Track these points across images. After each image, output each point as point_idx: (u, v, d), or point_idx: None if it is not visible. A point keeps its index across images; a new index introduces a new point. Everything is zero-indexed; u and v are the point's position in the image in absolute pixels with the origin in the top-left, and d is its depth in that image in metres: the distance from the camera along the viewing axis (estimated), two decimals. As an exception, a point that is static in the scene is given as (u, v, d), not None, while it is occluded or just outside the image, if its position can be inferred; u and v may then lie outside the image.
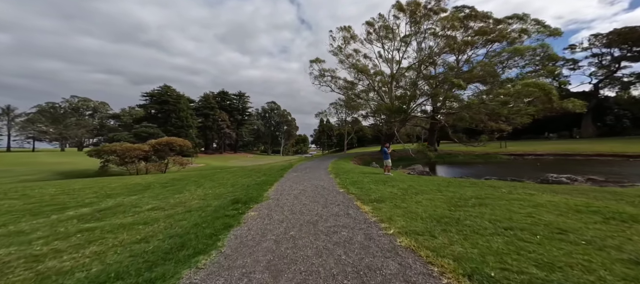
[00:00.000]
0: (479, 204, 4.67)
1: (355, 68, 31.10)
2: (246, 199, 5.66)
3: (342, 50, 31.60)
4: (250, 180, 9.81)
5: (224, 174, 12.20)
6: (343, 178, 9.22)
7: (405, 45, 29.08)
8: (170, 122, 58.41)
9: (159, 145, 27.13)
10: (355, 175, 10.36)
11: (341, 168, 13.71)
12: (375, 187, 7.22)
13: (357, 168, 14.79)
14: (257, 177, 10.52)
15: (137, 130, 40.93)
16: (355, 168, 14.04)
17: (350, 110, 43.72)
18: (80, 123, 63.07)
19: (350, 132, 66.95)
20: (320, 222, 4.08)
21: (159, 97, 62.69)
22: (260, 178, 9.96)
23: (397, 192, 6.31)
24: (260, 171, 13.11)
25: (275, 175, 10.78)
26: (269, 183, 8.60)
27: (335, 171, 12.06)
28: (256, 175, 11.18)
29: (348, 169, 13.11)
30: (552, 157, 28.39)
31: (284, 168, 14.31)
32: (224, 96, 78.86)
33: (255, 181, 9.19)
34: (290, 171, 12.42)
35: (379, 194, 6.06)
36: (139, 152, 25.03)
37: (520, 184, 7.55)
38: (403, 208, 4.61)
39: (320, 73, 31.65)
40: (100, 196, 7.12)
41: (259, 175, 11.11)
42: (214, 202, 5.75)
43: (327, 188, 7.47)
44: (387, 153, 10.63)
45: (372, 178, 9.28)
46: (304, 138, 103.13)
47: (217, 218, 4.27)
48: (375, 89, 32.34)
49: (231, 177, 11.03)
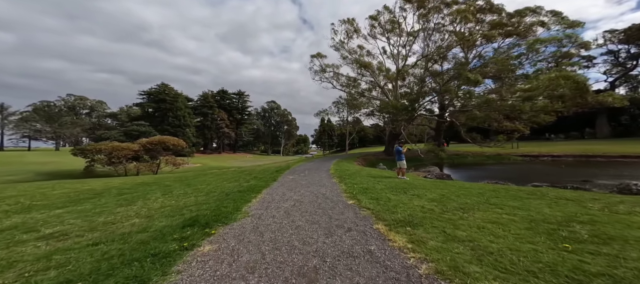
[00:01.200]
0: (597, 236, 2.78)
1: (358, 64, 29.24)
2: (210, 218, 3.81)
3: (344, 45, 29.76)
4: (236, 184, 7.97)
5: (208, 177, 10.39)
6: (350, 184, 7.36)
7: (413, 38, 27.18)
8: (167, 120, 56.78)
9: (150, 144, 25.39)
10: (364, 178, 8.50)
11: (345, 170, 11.84)
12: (395, 197, 5.36)
13: (363, 170, 12.91)
14: (245, 181, 8.68)
15: (128, 129, 39.25)
16: (361, 170, 12.17)
17: (352, 109, 41.91)
18: (76, 122, 61.62)
19: (351, 132, 65.09)
20: (323, 274, 2.22)
21: (156, 95, 61.14)
22: (249, 183, 8.12)
23: (430, 206, 4.45)
24: (252, 173, 11.27)
25: (268, 179, 8.94)
26: (256, 189, 6.76)
27: (338, 173, 10.20)
28: (245, 179, 9.33)
29: (353, 171, 11.25)
30: (572, 158, 26.37)
31: (280, 169, 12.46)
32: (223, 95, 77.25)
33: (241, 187, 7.37)
34: (287, 174, 10.58)
35: (406, 210, 4.21)
36: (127, 152, 23.28)
37: (605, 195, 5.55)
38: (465, 242, 2.74)
39: (321, 69, 29.82)
40: (16, 210, 5.28)
41: (248, 179, 9.26)
42: (160, 222, 3.91)
43: (331, 198, 5.61)
44: (402, 154, 8.75)
45: (386, 183, 7.41)
46: (304, 139, 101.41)
47: (128, 263, 2.40)
48: (380, 86, 30.46)
49: (214, 180, 9.20)
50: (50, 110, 57.65)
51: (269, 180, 8.55)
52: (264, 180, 8.53)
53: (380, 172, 11.55)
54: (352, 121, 58.31)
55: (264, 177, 9.46)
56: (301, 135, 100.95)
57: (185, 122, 59.66)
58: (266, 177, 9.45)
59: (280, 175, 10.31)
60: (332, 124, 74.33)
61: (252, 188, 6.86)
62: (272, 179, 8.85)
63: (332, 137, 79.30)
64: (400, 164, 8.64)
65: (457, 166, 24.66)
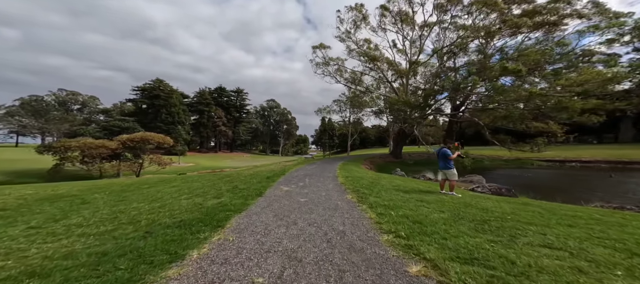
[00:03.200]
0: None
1: (366, 56, 26.45)
2: None
3: (351, 35, 26.94)
4: (196, 202, 5.15)
5: (167, 187, 7.50)
6: (378, 206, 4.55)
7: (429, 29, 24.38)
8: (160, 117, 53.98)
9: (131, 142, 22.53)
10: (392, 194, 5.69)
11: (357, 177, 9.00)
12: (500, 250, 2.54)
13: (379, 177, 10.08)
14: (214, 195, 5.85)
15: (108, 124, 36.27)
16: (379, 178, 9.34)
17: (354, 108, 39.10)
18: (65, 117, 58.78)
19: (353, 132, 62.25)
20: None
21: (150, 91, 58.40)
22: (218, 199, 5.29)
23: None
24: (234, 180, 8.43)
25: (251, 191, 6.12)
26: (220, 217, 3.93)
27: (351, 183, 7.39)
28: (217, 190, 6.49)
29: (369, 180, 8.43)
30: (605, 164, 23.53)
31: (274, 174, 9.63)
32: (221, 92, 74.48)
33: (205, 206, 4.56)
34: (280, 182, 7.76)
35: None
36: (102, 150, 20.44)
37: None
38: None
39: (324, 61, 27.00)
40: None
41: (223, 190, 6.43)
42: None
43: (359, 245, 2.81)
44: (450, 160, 5.88)
45: (438, 205, 4.59)
46: (304, 139, 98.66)
47: None
48: (389, 81, 27.66)
49: (170, 192, 6.36)
50: (37, 104, 54.80)
51: (251, 195, 5.71)
52: (244, 195, 5.69)
53: (407, 182, 8.70)
54: (353, 121, 55.55)
55: (247, 188, 6.63)
56: (301, 135, 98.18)
57: (180, 119, 56.86)
58: (250, 188, 6.62)
59: (271, 183, 7.47)
60: (332, 124, 71.42)
61: (213, 216, 4.01)
62: (257, 192, 6.01)
63: (333, 137, 76.39)
64: (448, 175, 5.79)
65: (474, 172, 21.79)
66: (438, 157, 5.94)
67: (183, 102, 64.50)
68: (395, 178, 9.43)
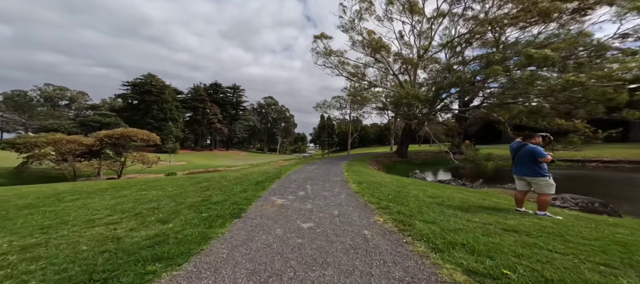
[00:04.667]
0: None
1: (371, 47, 24.38)
2: None
3: (355, 25, 24.82)
4: (133, 224, 3.05)
5: (109, 196, 5.31)
6: (443, 241, 2.50)
7: (441, 18, 22.37)
8: (151, 113, 51.48)
9: (110, 138, 20.21)
10: (446, 214, 3.63)
11: (375, 183, 6.95)
12: None
13: (403, 182, 8.03)
14: (172, 209, 3.74)
15: (85, 118, 33.73)
16: (403, 184, 7.28)
17: (355, 105, 37.17)
18: (51, 113, 55.95)
19: (353, 131, 60.31)
20: None
21: (141, 86, 55.80)
22: (167, 223, 3.18)
23: None
24: (212, 187, 6.32)
25: (229, 207, 4.04)
26: (136, 278, 1.82)
27: (370, 193, 5.34)
28: (175, 205, 4.37)
29: (392, 187, 6.37)
30: (629, 165, 21.79)
31: (266, 178, 7.54)
32: (216, 88, 71.92)
33: (122, 246, 2.49)
34: (273, 190, 5.69)
35: None
36: (75, 146, 18.13)
37: None
38: None
39: (326, 51, 24.86)
40: None
41: (184, 206, 4.31)
42: None
43: None
44: (541, 163, 3.73)
45: (549, 237, 2.56)
46: (302, 137, 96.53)
47: None
48: (395, 73, 25.64)
49: (114, 203, 4.24)
50: (20, 99, 51.93)
51: (224, 215, 3.62)
52: (211, 215, 3.58)
53: (442, 189, 6.63)
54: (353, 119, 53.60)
55: (224, 200, 4.52)
56: (299, 134, 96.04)
57: (172, 116, 54.37)
58: (228, 200, 4.52)
59: (260, 192, 5.38)
60: (332, 121, 69.34)
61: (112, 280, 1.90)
62: (235, 210, 3.91)
63: (332, 136, 74.29)
64: (538, 185, 3.69)
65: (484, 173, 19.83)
66: (517, 158, 3.89)
67: (176, 98, 61.96)
68: (423, 185, 7.35)
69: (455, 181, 11.26)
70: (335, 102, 40.15)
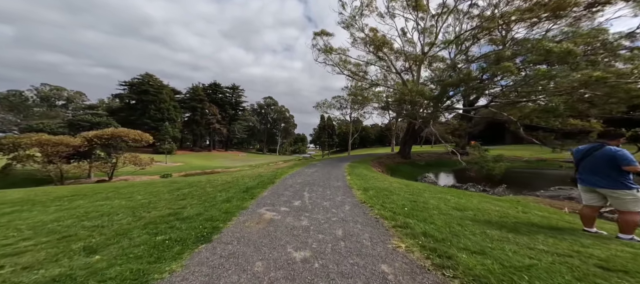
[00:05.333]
0: None
1: (373, 44, 23.45)
2: None
3: (355, 21, 23.89)
4: (53, 254, 2.10)
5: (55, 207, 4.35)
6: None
7: (448, 13, 21.45)
8: (148, 114, 50.55)
9: (99, 139, 19.27)
10: (495, 238, 2.66)
11: (384, 191, 5.98)
12: None
13: (417, 189, 7.06)
14: (123, 228, 2.76)
15: (73, 118, 32.74)
16: (418, 191, 6.30)
17: (356, 105, 36.27)
18: (47, 113, 55.07)
19: (353, 132, 59.34)
20: None
21: (138, 86, 54.89)
22: (94, 254, 2.19)
23: None
24: (191, 194, 5.34)
25: (199, 225, 3.08)
26: None
27: (380, 204, 4.38)
28: (132, 220, 3.39)
29: (405, 195, 5.40)
30: (645, 167, 20.80)
31: (259, 183, 6.58)
32: (215, 88, 71.02)
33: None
34: (264, 198, 4.72)
35: None
36: (62, 148, 17.18)
37: None
38: None
39: (326, 48, 23.93)
40: None
41: (141, 224, 3.32)
42: None
43: None
44: (628, 174, 2.70)
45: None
46: (302, 138, 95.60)
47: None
48: (398, 71, 24.70)
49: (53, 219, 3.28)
50: (15, 99, 51.07)
51: (189, 238, 2.65)
52: (172, 239, 2.61)
53: (467, 197, 5.62)
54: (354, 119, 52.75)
55: (197, 215, 3.55)
56: (299, 134, 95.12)
57: (170, 116, 53.43)
58: (203, 215, 3.55)
59: (247, 202, 4.41)
60: (332, 121, 68.40)
61: None
62: (209, 228, 2.94)
63: (332, 136, 73.29)
64: (622, 200, 2.70)
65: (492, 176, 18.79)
66: (586, 164, 2.93)
67: (174, 98, 61.05)
68: (440, 191, 6.30)
69: (474, 187, 10.17)
70: (335, 102, 39.30)
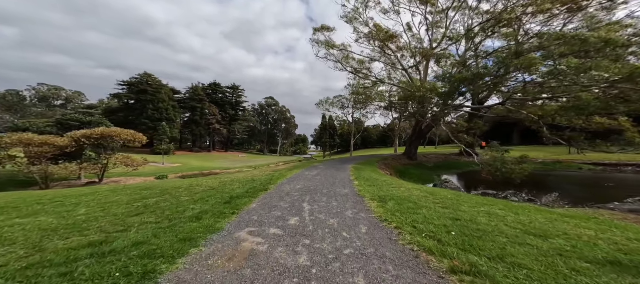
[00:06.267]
0: None
1: (378, 39, 22.21)
2: None
3: (359, 14, 22.66)
4: None
5: None
6: None
7: (457, 7, 20.19)
8: (146, 113, 49.53)
9: (88, 138, 18.14)
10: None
11: (406, 201, 4.75)
12: None
13: (450, 197, 5.80)
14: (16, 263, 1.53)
15: (62, 117, 31.63)
16: (453, 202, 5.04)
17: (358, 104, 35.05)
18: (44, 113, 54.26)
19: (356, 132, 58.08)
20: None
21: (136, 85, 53.91)
22: None
23: None
24: (157, 205, 4.13)
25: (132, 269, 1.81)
26: None
27: (409, 222, 3.14)
28: (32, 250, 2.15)
29: (445, 213, 4.15)
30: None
31: (249, 190, 5.35)
32: (215, 88, 69.98)
33: None
34: (250, 213, 3.50)
35: None
36: (46, 148, 16.06)
37: None
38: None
39: (327, 43, 22.71)
40: None
41: (39, 262, 2.10)
42: None
43: None
44: None
45: None
46: (303, 138, 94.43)
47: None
48: (405, 68, 23.42)
49: None
50: (12, 98, 50.28)
51: None
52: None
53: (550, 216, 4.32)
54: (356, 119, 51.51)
55: (142, 243, 2.32)
56: (300, 135, 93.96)
57: (168, 116, 52.36)
58: (152, 241, 2.34)
59: (221, 222, 3.19)
60: (333, 121, 67.07)
61: None
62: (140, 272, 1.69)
63: (333, 136, 71.95)
64: None
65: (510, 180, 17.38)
66: None
67: (173, 98, 60.04)
68: (482, 203, 4.94)
69: (517, 196, 8.41)
70: (337, 101, 38.06)
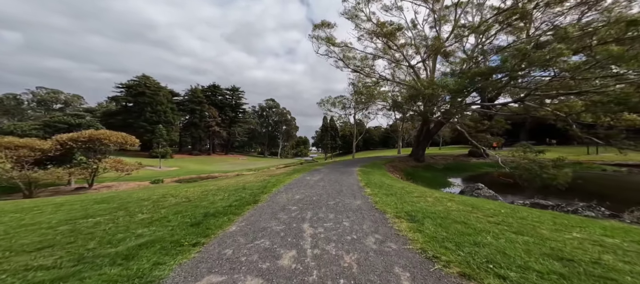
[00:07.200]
0: None
1: (381, 35, 21.06)
2: None
3: (361, 8, 21.52)
4: None
5: None
6: None
7: (465, 3, 19.05)
8: (144, 116, 48.61)
9: (75, 142, 17.04)
10: None
11: (452, 220, 3.50)
12: None
13: (495, 209, 4.56)
14: None
15: (51, 120, 30.59)
16: (503, 216, 3.79)
17: (360, 104, 33.88)
18: (41, 116, 53.48)
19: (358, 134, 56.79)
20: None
21: (135, 88, 53.11)
22: None
23: None
24: (105, 230, 2.94)
25: None
26: None
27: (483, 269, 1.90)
28: None
29: (504, 234, 2.91)
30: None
31: (234, 203, 4.12)
32: (214, 90, 69.10)
33: None
34: (218, 244, 2.30)
35: None
36: (28, 152, 14.96)
37: None
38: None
39: (328, 39, 21.57)
40: None
41: None
42: None
43: None
44: None
45: None
46: (304, 140, 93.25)
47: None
48: (411, 65, 22.22)
49: None
50: (9, 102, 49.59)
51: None
52: None
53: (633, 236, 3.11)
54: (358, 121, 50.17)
55: None
56: (301, 137, 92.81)
57: (167, 118, 51.42)
58: None
59: (161, 274, 1.99)
60: (335, 123, 65.84)
61: None
62: None
63: (335, 138, 70.72)
64: None
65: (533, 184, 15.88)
66: None
67: (172, 100, 59.19)
68: (539, 218, 3.67)
69: (592, 209, 6.82)
70: (338, 101, 36.90)
